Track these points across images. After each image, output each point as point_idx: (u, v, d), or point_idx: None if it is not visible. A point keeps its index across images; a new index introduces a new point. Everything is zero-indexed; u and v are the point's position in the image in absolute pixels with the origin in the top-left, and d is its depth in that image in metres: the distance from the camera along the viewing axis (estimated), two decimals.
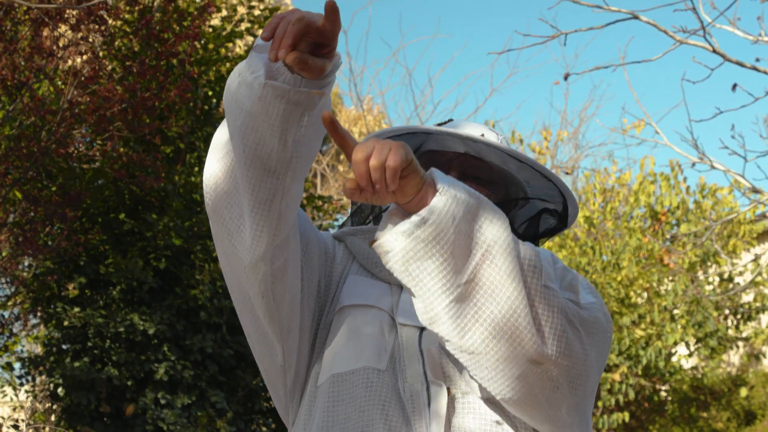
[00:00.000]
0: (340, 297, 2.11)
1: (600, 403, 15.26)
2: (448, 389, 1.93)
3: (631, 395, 15.31)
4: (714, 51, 7.02)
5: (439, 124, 2.33)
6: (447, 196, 1.68)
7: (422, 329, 2.01)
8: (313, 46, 1.68)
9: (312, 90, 1.71)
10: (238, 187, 1.85)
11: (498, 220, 1.74)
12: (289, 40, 1.61)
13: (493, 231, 1.72)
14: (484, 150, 2.19)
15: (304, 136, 1.77)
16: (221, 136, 1.94)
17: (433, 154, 2.23)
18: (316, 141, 1.84)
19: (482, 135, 2.24)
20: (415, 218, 1.68)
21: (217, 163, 1.92)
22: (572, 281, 1.92)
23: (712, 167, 8.14)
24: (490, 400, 1.92)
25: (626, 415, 15.28)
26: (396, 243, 1.70)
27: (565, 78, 7.73)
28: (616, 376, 15.05)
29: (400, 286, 2.09)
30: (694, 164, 8.27)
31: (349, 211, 2.41)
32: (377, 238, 1.75)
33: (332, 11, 1.61)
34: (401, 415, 1.90)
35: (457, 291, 1.70)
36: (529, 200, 2.30)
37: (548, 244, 15.06)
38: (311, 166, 1.89)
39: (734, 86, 7.27)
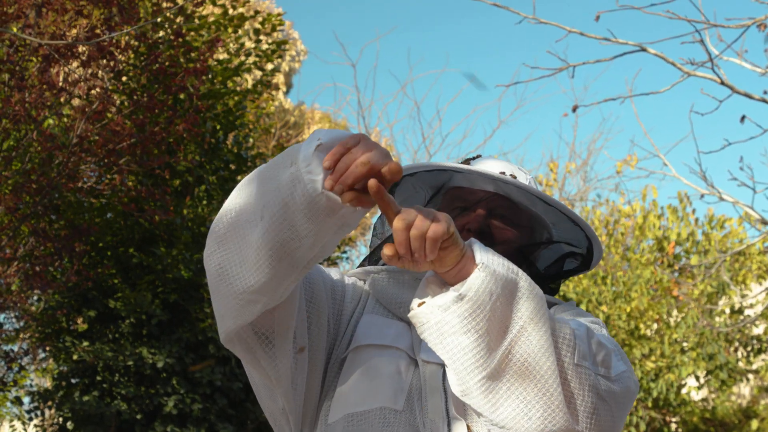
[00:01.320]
0: (355, 335, 2.10)
1: None
2: (468, 426, 1.93)
3: (642, 428, 15.22)
4: (722, 83, 7.03)
5: (467, 160, 2.34)
6: (486, 273, 1.68)
7: (445, 366, 2.01)
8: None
9: (357, 210, 1.67)
10: (248, 249, 1.79)
11: (534, 296, 1.74)
12: (349, 180, 1.57)
13: (529, 308, 1.72)
14: (513, 191, 2.20)
15: (333, 241, 1.76)
16: (241, 198, 1.82)
17: (462, 191, 2.24)
18: (336, 243, 1.82)
19: (512, 175, 2.25)
20: (452, 293, 1.68)
21: (232, 224, 1.82)
22: (606, 356, 1.90)
23: (721, 199, 8.13)
24: None
25: None
26: (432, 316, 1.70)
27: (574, 110, 7.74)
28: None
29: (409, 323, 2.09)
30: (702, 196, 8.24)
31: (367, 243, 2.41)
32: (413, 307, 1.74)
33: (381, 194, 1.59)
34: None
35: (491, 368, 1.70)
36: (555, 243, 2.31)
37: None
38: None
39: (743, 118, 7.28)
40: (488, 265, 1.69)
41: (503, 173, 2.25)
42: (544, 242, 2.31)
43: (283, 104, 24.60)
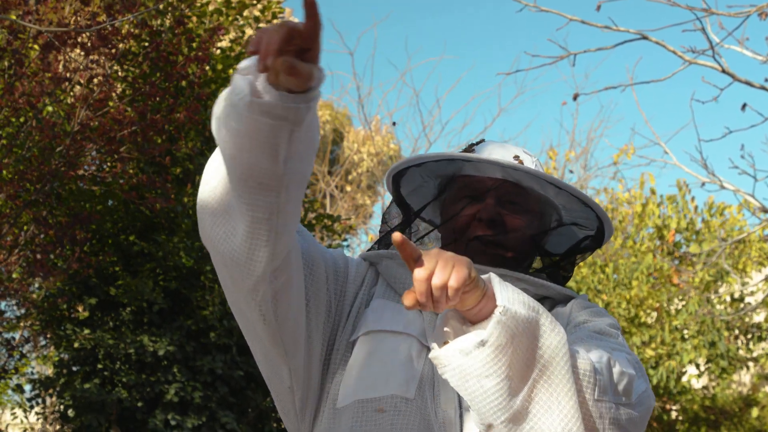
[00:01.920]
0: (365, 319, 2.10)
1: None
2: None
3: None
4: (723, 71, 7.03)
5: (471, 145, 2.33)
6: (507, 317, 1.67)
7: None
8: (298, 53, 1.62)
9: (299, 104, 1.67)
10: (232, 211, 1.84)
11: (555, 334, 1.74)
12: (274, 45, 1.56)
13: (551, 348, 1.73)
14: (522, 177, 2.20)
15: (296, 152, 1.74)
16: (212, 165, 1.90)
17: (470, 179, 2.24)
18: (308, 158, 1.80)
19: (519, 160, 2.25)
20: (474, 338, 1.68)
21: (209, 192, 1.89)
22: (628, 384, 1.91)
23: (722, 187, 8.14)
24: None
25: None
26: (453, 359, 1.70)
27: (574, 98, 7.75)
28: None
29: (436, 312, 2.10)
30: (703, 184, 8.25)
31: (367, 231, 2.40)
32: (434, 347, 1.74)
33: (311, 6, 1.57)
34: None
35: (513, 409, 1.71)
36: (566, 225, 2.31)
37: None
38: (306, 184, 1.87)
39: (744, 106, 7.28)
40: (509, 307, 1.68)
41: (517, 157, 2.25)
42: (556, 226, 2.30)
43: None
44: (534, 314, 1.72)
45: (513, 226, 2.19)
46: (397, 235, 1.64)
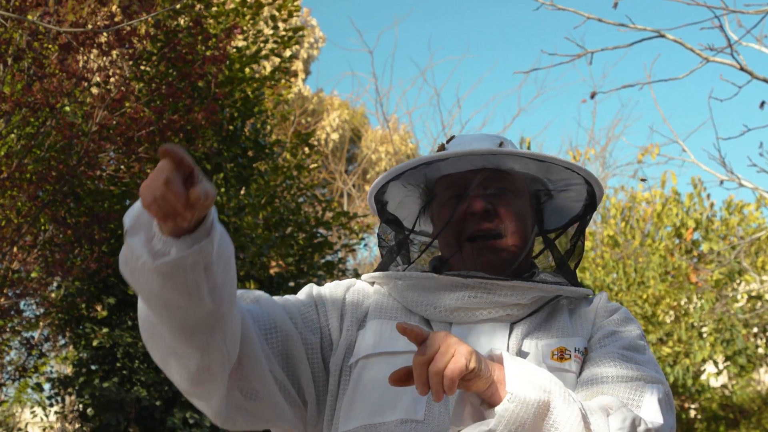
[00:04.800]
0: (363, 342, 2.09)
1: None
2: None
3: None
4: (741, 68, 7.01)
5: (442, 145, 2.29)
6: (515, 404, 1.68)
7: None
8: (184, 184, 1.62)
9: (202, 242, 1.68)
10: (180, 352, 1.85)
11: (570, 412, 1.74)
12: (157, 184, 1.57)
13: (566, 428, 1.73)
14: (501, 160, 2.17)
15: (216, 279, 1.76)
16: (142, 315, 1.89)
17: (452, 177, 2.20)
18: (229, 268, 1.81)
19: (496, 145, 2.21)
20: (483, 428, 1.69)
21: (150, 342, 1.89)
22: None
23: (741, 185, 8.11)
24: None
25: None
26: None
27: (592, 97, 7.73)
28: None
29: (449, 323, 2.08)
30: (722, 182, 8.21)
31: (377, 234, 2.37)
32: (451, 426, 1.76)
33: (164, 153, 1.58)
34: None
35: None
36: (554, 195, 2.27)
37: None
38: (235, 288, 1.86)
39: (762, 104, 7.25)
40: (518, 394, 1.69)
41: (501, 144, 2.21)
42: (547, 198, 2.27)
43: (302, 91, 24.62)
44: (545, 395, 1.72)
45: (507, 212, 2.15)
46: (399, 326, 1.66)
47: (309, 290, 2.21)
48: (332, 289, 2.21)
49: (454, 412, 1.75)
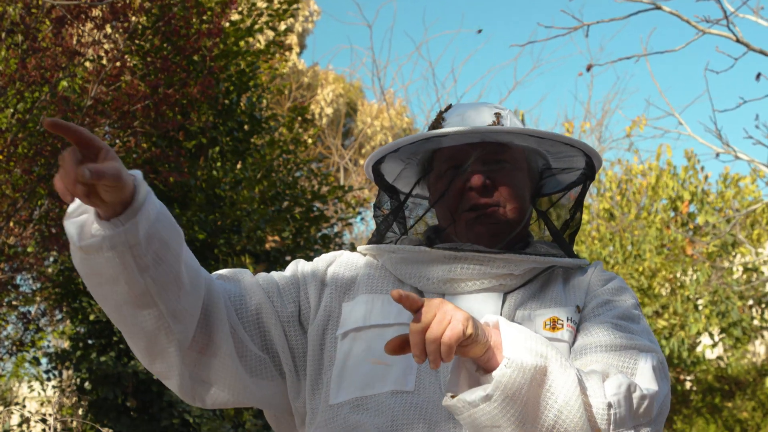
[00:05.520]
0: (353, 315, 2.10)
1: None
2: None
3: None
4: (737, 40, 6.99)
5: (441, 112, 2.29)
6: (512, 369, 1.68)
7: None
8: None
9: (124, 225, 1.72)
10: (131, 335, 1.92)
11: (567, 375, 1.75)
12: (71, 173, 1.61)
13: (563, 391, 1.73)
14: (501, 136, 2.16)
15: (147, 261, 1.79)
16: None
17: (451, 150, 2.20)
18: (168, 248, 1.84)
19: (497, 116, 2.21)
20: (480, 393, 1.69)
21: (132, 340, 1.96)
22: (648, 405, 1.89)
23: (737, 157, 8.11)
24: None
25: None
26: (464, 410, 1.71)
27: (588, 69, 7.73)
28: None
29: (441, 294, 2.08)
30: (718, 155, 8.22)
31: (373, 210, 2.37)
32: (446, 397, 1.75)
33: (52, 126, 1.59)
34: None
35: None
36: (553, 168, 2.28)
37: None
38: (179, 267, 1.88)
39: (758, 76, 7.24)
40: (515, 359, 1.68)
41: (498, 114, 2.21)
42: (546, 171, 2.28)
43: (297, 65, 24.55)
44: (542, 361, 1.72)
45: (505, 186, 2.15)
46: (394, 293, 1.64)
47: (294, 265, 2.24)
48: (316, 261, 2.23)
49: (450, 379, 1.75)
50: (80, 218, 1.75)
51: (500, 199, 2.14)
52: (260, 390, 2.06)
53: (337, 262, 2.22)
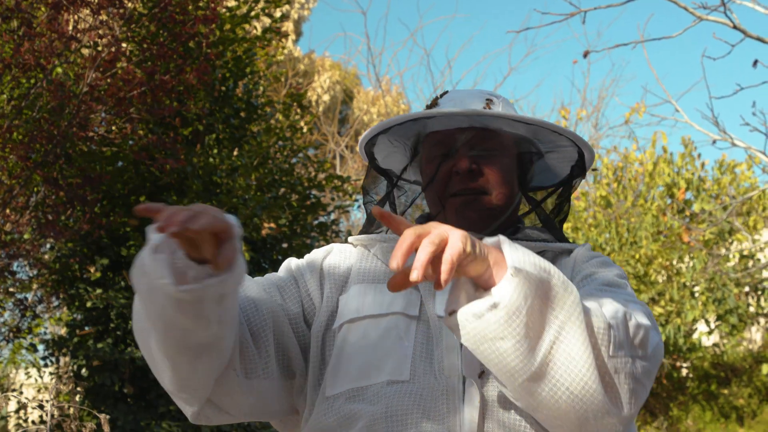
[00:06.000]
0: (347, 307, 2.10)
1: None
2: (483, 386, 1.93)
3: None
4: (734, 27, 6.99)
5: (435, 98, 2.30)
6: (519, 278, 1.64)
7: None
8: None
9: (224, 276, 1.68)
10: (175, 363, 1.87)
11: (568, 294, 1.71)
12: (178, 218, 1.56)
13: (566, 307, 1.70)
14: (490, 121, 2.16)
15: (228, 309, 1.79)
16: (138, 316, 1.89)
17: (439, 135, 2.20)
18: (235, 299, 1.84)
19: (489, 103, 2.21)
20: (486, 302, 1.64)
21: (144, 349, 1.91)
22: (644, 337, 1.88)
23: (733, 144, 8.11)
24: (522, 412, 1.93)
25: None
26: (467, 323, 1.66)
27: (585, 56, 7.71)
28: None
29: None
30: (714, 142, 8.22)
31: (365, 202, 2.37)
32: (443, 314, 1.72)
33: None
34: (431, 422, 1.90)
35: (533, 370, 1.70)
36: (543, 156, 2.27)
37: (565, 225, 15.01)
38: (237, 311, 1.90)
39: (755, 62, 7.24)
40: (521, 268, 1.64)
41: (489, 101, 2.22)
42: (536, 159, 2.27)
43: (293, 52, 24.51)
44: (545, 275, 1.68)
45: (492, 172, 2.15)
46: (376, 210, 1.63)
47: (287, 264, 2.23)
48: (310, 258, 2.22)
49: (448, 300, 1.71)
50: (165, 256, 1.68)
51: (486, 185, 2.14)
52: (262, 397, 2.04)
53: (332, 255, 2.22)
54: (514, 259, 1.65)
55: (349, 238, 2.27)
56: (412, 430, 1.88)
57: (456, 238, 1.58)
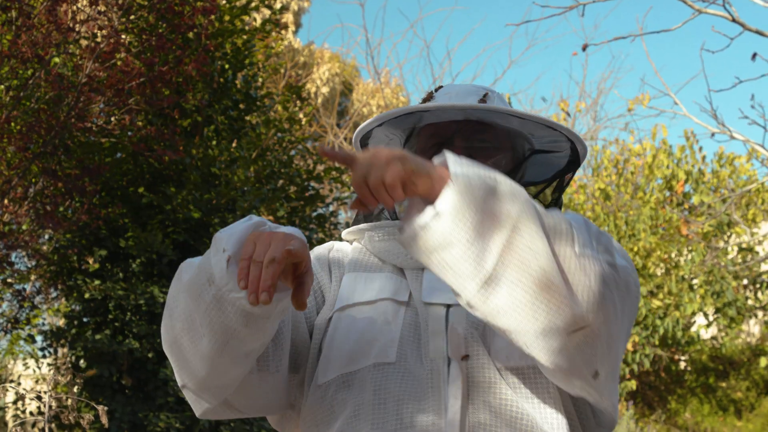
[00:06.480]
0: (339, 296, 2.12)
1: None
2: (469, 369, 1.93)
3: (646, 365, 15.32)
4: (733, 20, 6.98)
5: (430, 93, 2.31)
6: (460, 185, 1.63)
7: (449, 306, 2.02)
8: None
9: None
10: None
11: (518, 195, 1.69)
12: (267, 285, 1.62)
13: (515, 209, 1.67)
14: (484, 114, 2.16)
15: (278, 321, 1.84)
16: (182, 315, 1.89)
17: (434, 127, 2.22)
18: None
19: (484, 95, 2.22)
20: (430, 212, 1.64)
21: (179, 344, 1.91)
22: (607, 244, 1.86)
23: (732, 137, 8.11)
24: (510, 383, 1.92)
25: (634, 384, 15.30)
26: (416, 236, 1.67)
27: (584, 49, 7.70)
28: (629, 346, 15.09)
29: (421, 269, 2.09)
30: (713, 135, 8.21)
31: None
32: (397, 233, 1.75)
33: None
34: (415, 404, 1.90)
35: (485, 274, 1.66)
36: (538, 151, 2.27)
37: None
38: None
39: (754, 55, 7.23)
40: (461, 175, 1.64)
41: (485, 95, 2.23)
42: (529, 155, 2.27)
43: (293, 44, 24.48)
44: (492, 181, 1.68)
45: (485, 164, 2.10)
46: (320, 149, 1.65)
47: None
48: (315, 253, 2.24)
49: (403, 218, 1.72)
50: (236, 269, 1.72)
51: None
52: (270, 392, 2.05)
53: (334, 251, 2.25)
54: (456, 170, 1.66)
55: (342, 234, 2.29)
56: (396, 413, 1.89)
57: (394, 161, 1.63)
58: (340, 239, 2.32)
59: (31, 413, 9.66)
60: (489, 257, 1.66)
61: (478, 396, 1.90)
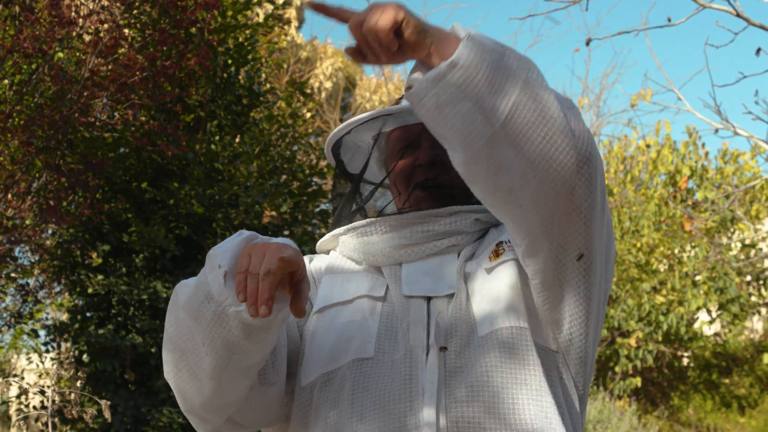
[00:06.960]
0: (317, 300, 2.13)
1: (618, 369, 15.28)
2: (447, 356, 1.93)
3: (649, 361, 15.30)
4: (738, 15, 6.96)
5: (398, 100, 2.32)
6: (474, 42, 1.65)
7: (429, 299, 2.02)
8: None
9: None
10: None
11: (527, 62, 1.72)
12: (265, 297, 1.64)
13: (524, 70, 1.69)
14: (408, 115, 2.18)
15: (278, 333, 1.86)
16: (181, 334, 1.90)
17: (400, 131, 2.22)
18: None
19: None
20: (444, 64, 1.64)
21: (178, 366, 1.93)
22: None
23: (736, 133, 8.08)
24: (489, 371, 1.91)
25: (639, 380, 15.30)
26: (427, 92, 1.67)
27: (587, 43, 7.68)
28: (632, 341, 15.08)
29: (398, 264, 2.10)
30: (717, 130, 8.19)
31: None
32: (405, 90, 1.72)
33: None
34: (394, 394, 1.90)
35: (498, 125, 1.67)
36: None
37: None
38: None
39: (758, 50, 7.21)
40: (475, 36, 1.66)
41: None
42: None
43: (296, 39, 24.47)
44: (500, 47, 1.69)
45: (445, 160, 2.10)
46: (310, 3, 1.68)
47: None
48: (309, 269, 2.25)
49: (408, 79, 1.72)
50: (234, 283, 1.73)
51: (448, 180, 2.14)
52: (270, 405, 2.05)
53: (313, 260, 2.25)
54: (471, 32, 1.67)
55: (317, 246, 2.30)
56: (375, 404, 1.89)
57: (390, 8, 1.63)
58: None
59: (34, 407, 9.68)
60: (500, 113, 1.67)
61: (456, 381, 1.91)
